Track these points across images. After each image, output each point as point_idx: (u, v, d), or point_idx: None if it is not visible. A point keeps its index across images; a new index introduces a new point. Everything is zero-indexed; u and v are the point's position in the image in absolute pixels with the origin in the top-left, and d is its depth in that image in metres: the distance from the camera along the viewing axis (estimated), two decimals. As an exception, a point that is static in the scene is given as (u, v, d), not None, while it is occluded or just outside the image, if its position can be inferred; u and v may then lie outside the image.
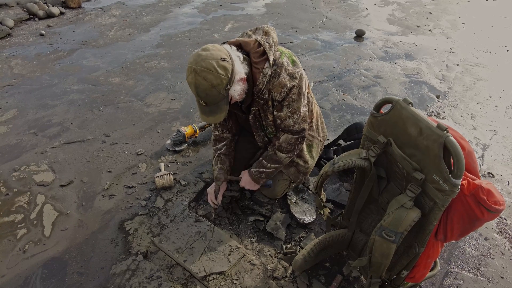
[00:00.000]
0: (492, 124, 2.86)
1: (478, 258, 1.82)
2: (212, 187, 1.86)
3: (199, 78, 1.33)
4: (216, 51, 1.36)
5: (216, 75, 1.33)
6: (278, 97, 1.55)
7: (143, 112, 2.86)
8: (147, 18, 4.82)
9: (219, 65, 1.33)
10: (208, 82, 1.33)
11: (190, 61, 1.36)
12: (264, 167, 1.77)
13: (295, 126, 1.66)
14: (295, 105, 1.60)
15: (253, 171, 1.80)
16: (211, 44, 1.41)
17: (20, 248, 1.78)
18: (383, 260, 1.18)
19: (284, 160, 1.76)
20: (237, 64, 1.42)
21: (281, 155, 1.74)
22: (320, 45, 4.14)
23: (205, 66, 1.32)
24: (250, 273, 1.68)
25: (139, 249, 1.77)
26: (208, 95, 1.37)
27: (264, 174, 1.79)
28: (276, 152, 1.73)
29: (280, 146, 1.71)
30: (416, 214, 1.10)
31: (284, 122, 1.64)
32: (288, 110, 1.60)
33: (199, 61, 1.33)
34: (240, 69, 1.44)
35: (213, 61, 1.33)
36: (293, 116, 1.62)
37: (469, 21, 5.12)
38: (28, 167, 2.29)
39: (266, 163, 1.76)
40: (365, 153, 1.29)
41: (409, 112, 1.14)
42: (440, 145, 1.03)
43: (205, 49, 1.37)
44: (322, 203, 1.50)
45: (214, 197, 1.83)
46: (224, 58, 1.36)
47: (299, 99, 1.60)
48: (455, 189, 1.02)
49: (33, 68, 3.50)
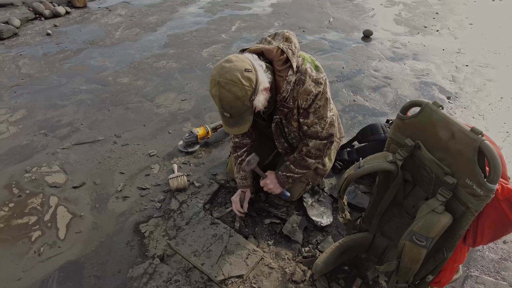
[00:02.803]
0: (504, 126, 2.84)
1: (497, 262, 1.80)
2: (236, 195, 1.84)
3: (224, 90, 1.30)
4: (239, 62, 1.33)
5: (241, 86, 1.30)
6: (304, 104, 1.53)
7: (154, 112, 2.84)
8: (153, 17, 4.79)
9: (243, 77, 1.31)
10: (233, 94, 1.31)
11: (213, 73, 1.33)
12: (291, 171, 1.75)
13: (323, 132, 1.63)
14: (321, 111, 1.58)
15: (281, 175, 1.78)
16: (234, 55, 1.38)
17: (35, 250, 1.76)
18: (412, 265, 1.16)
19: (312, 165, 1.74)
20: (260, 73, 1.39)
21: (310, 161, 1.71)
22: (328, 46, 4.12)
23: (230, 78, 1.30)
24: (268, 276, 1.66)
25: (155, 252, 1.75)
26: (232, 107, 1.35)
27: (291, 178, 1.77)
28: (305, 157, 1.71)
29: (309, 152, 1.69)
30: (448, 219, 1.09)
31: (311, 129, 1.62)
32: (315, 117, 1.58)
33: (223, 73, 1.30)
34: (264, 78, 1.41)
35: (238, 72, 1.30)
36: (320, 122, 1.60)
37: (476, 21, 5.09)
38: (39, 168, 2.27)
39: (294, 168, 1.74)
40: (392, 157, 1.27)
41: (439, 116, 1.13)
42: (474, 150, 1.01)
43: (228, 61, 1.34)
44: (344, 206, 1.48)
45: (239, 205, 1.81)
46: (248, 69, 1.33)
47: (325, 105, 1.58)
48: (490, 194, 1.00)
49: (41, 68, 3.48)
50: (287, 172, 1.76)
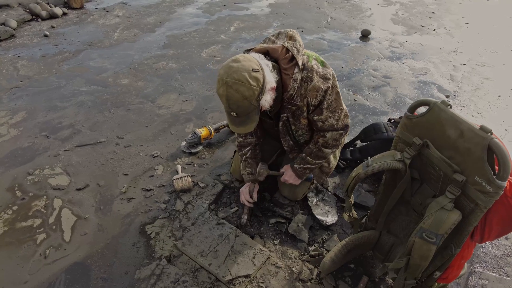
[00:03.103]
0: (503, 124, 2.87)
1: (500, 258, 1.82)
2: (246, 187, 1.86)
3: (231, 90, 1.31)
4: (247, 61, 1.34)
5: (249, 86, 1.31)
6: (314, 101, 1.54)
7: (155, 113, 2.83)
8: (151, 18, 4.78)
9: (251, 76, 1.31)
10: (240, 94, 1.32)
11: (221, 73, 1.34)
12: (308, 163, 1.78)
13: (339, 124, 1.67)
14: (334, 105, 1.60)
15: (297, 167, 1.81)
16: (241, 55, 1.39)
17: (41, 253, 1.75)
18: (422, 262, 1.18)
19: (328, 155, 1.78)
20: (267, 73, 1.40)
21: (327, 151, 1.75)
22: (327, 45, 4.14)
23: (237, 78, 1.30)
24: (275, 276, 1.67)
25: (162, 253, 1.75)
26: (239, 106, 1.35)
27: (308, 169, 1.81)
28: (322, 148, 1.73)
29: (326, 142, 1.71)
30: (457, 216, 1.10)
31: (326, 123, 1.64)
32: (328, 111, 1.60)
33: (231, 73, 1.31)
34: (270, 78, 1.42)
35: (245, 72, 1.31)
36: (334, 115, 1.63)
37: (472, 20, 5.15)
38: (42, 170, 2.25)
39: (311, 159, 1.77)
40: (400, 155, 1.28)
41: (448, 114, 1.14)
42: (484, 148, 1.02)
43: (235, 60, 1.35)
44: (351, 205, 1.49)
45: (248, 195, 1.83)
46: (256, 68, 1.34)
47: (338, 98, 1.61)
48: (499, 190, 1.02)
49: (40, 70, 3.45)
50: (304, 164, 1.79)
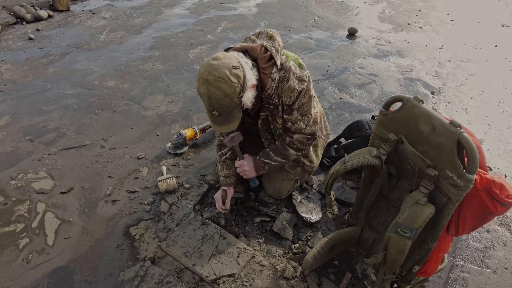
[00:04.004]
0: (486, 118, 2.91)
1: (481, 250, 1.85)
2: (219, 193, 1.85)
3: (212, 88, 1.31)
4: (227, 59, 1.34)
5: (230, 83, 1.31)
6: (288, 101, 1.55)
7: (141, 115, 2.82)
8: (138, 20, 4.76)
9: (232, 74, 1.32)
10: (222, 91, 1.31)
11: (201, 71, 1.33)
12: (270, 159, 1.75)
13: (307, 129, 1.66)
14: (305, 108, 1.61)
15: (258, 159, 1.77)
16: (221, 53, 1.39)
17: (23, 258, 1.74)
18: (398, 257, 1.19)
19: (291, 157, 1.75)
20: (247, 70, 1.41)
21: (291, 151, 1.73)
22: (314, 44, 4.16)
23: (218, 76, 1.30)
24: (260, 274, 1.67)
25: (146, 254, 1.74)
26: (221, 104, 1.35)
27: (268, 166, 1.77)
28: (286, 147, 1.72)
29: (291, 142, 1.70)
30: (431, 210, 1.12)
31: (295, 125, 1.64)
32: (299, 113, 1.61)
33: (211, 71, 1.31)
34: (251, 75, 1.43)
35: (226, 69, 1.31)
36: (304, 119, 1.63)
37: (458, 17, 5.21)
38: (26, 174, 2.23)
39: (273, 155, 1.74)
40: (376, 151, 1.30)
41: (421, 110, 1.16)
42: (454, 142, 1.04)
43: (215, 58, 1.34)
44: (331, 202, 1.50)
45: (221, 203, 1.82)
46: (236, 66, 1.34)
47: (309, 102, 1.61)
48: (469, 184, 1.04)
49: (24, 73, 3.42)
50: (265, 158, 1.76)
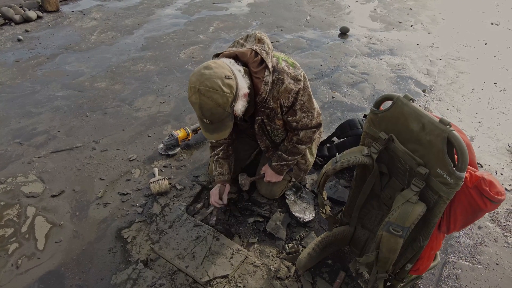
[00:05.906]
0: (477, 116, 2.94)
1: (473, 247, 1.87)
2: (216, 188, 1.85)
3: (204, 98, 1.29)
4: (219, 68, 1.32)
5: (222, 94, 1.29)
6: (287, 103, 1.55)
7: (133, 116, 2.79)
8: (129, 20, 4.72)
9: (224, 84, 1.30)
10: (214, 101, 1.30)
11: (193, 80, 1.31)
12: (285, 160, 1.81)
13: (312, 122, 1.70)
14: (307, 105, 1.63)
15: (275, 165, 1.83)
16: (212, 61, 1.36)
17: (12, 263, 1.71)
18: (390, 255, 1.20)
19: (303, 150, 1.81)
20: (239, 79, 1.39)
21: (301, 147, 1.78)
22: (306, 44, 4.16)
23: (211, 86, 1.28)
24: (253, 275, 1.67)
25: (139, 257, 1.73)
26: (213, 114, 1.34)
27: (286, 166, 1.83)
28: (296, 145, 1.76)
29: (300, 140, 1.74)
30: (422, 208, 1.12)
31: (300, 123, 1.67)
32: (302, 112, 1.63)
33: (203, 81, 1.28)
34: (243, 84, 1.41)
35: (218, 80, 1.29)
36: (307, 115, 1.66)
37: (448, 16, 5.26)
38: (15, 178, 2.20)
39: (287, 156, 1.79)
40: (367, 150, 1.30)
41: (410, 108, 1.16)
42: (443, 140, 1.05)
43: (207, 67, 1.32)
44: (324, 202, 1.50)
45: (218, 197, 1.82)
46: (228, 75, 1.32)
47: (310, 99, 1.64)
48: (459, 181, 1.04)
49: (13, 75, 3.37)
50: (280, 161, 1.81)
